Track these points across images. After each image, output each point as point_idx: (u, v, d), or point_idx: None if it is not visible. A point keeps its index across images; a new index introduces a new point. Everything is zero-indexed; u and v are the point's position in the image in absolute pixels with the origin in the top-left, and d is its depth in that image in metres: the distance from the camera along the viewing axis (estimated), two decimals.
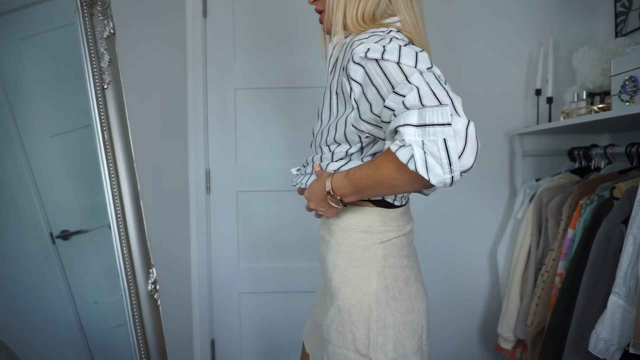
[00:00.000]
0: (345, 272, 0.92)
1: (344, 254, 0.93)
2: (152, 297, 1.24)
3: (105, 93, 1.20)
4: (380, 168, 0.79)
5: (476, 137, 0.72)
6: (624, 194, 1.29)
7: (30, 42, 1.26)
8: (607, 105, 1.55)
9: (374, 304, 0.89)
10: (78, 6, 1.16)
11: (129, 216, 1.22)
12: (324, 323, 0.94)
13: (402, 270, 0.94)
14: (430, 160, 0.71)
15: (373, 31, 0.88)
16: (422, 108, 0.72)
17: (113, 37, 1.21)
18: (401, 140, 0.74)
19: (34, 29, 1.26)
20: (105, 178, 1.19)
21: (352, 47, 0.83)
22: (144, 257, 1.24)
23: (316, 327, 1.05)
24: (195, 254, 2.12)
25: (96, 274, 1.38)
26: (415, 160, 0.72)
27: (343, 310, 0.90)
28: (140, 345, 1.22)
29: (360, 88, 0.82)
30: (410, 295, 0.93)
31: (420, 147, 0.72)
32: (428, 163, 0.71)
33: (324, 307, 0.99)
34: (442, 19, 2.06)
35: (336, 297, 0.91)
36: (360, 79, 0.81)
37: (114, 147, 1.21)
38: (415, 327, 0.92)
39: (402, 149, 0.73)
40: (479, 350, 2.11)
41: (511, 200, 2.05)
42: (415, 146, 0.72)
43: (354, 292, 0.90)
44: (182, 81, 2.07)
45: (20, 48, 1.26)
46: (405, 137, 0.73)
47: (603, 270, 1.27)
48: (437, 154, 0.71)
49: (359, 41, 0.83)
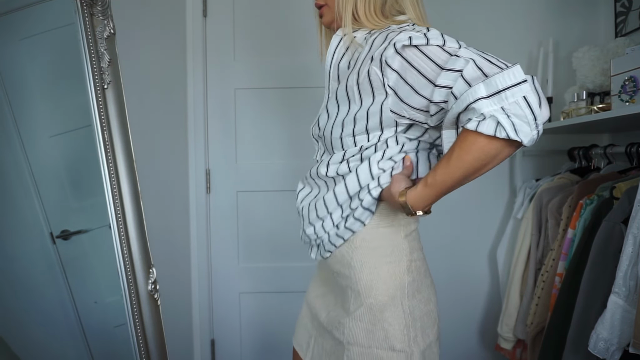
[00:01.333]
0: (376, 269, 0.91)
1: (372, 250, 0.92)
2: (152, 297, 1.24)
3: (105, 93, 1.20)
4: (464, 156, 0.76)
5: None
6: (624, 194, 1.29)
7: (30, 42, 1.26)
8: (607, 105, 1.55)
9: (405, 298, 0.90)
10: (78, 6, 1.16)
11: (129, 216, 1.22)
12: (345, 325, 0.92)
13: (422, 262, 0.96)
14: (517, 122, 0.71)
15: (400, 26, 0.89)
16: (487, 78, 0.72)
17: (113, 37, 1.21)
18: (478, 115, 0.72)
19: (34, 29, 1.26)
20: (105, 178, 1.19)
21: (388, 38, 0.83)
22: (144, 257, 1.23)
23: (321, 332, 1.03)
24: (195, 254, 2.12)
25: (96, 274, 1.38)
26: (503, 127, 0.71)
27: (375, 308, 0.89)
28: (140, 345, 1.22)
29: (396, 75, 0.82)
30: (428, 286, 0.96)
31: (502, 113, 0.71)
32: (516, 125, 0.71)
33: (340, 309, 0.97)
34: (441, 19, 2.05)
35: (367, 296, 0.90)
36: (397, 67, 0.81)
37: (114, 147, 1.20)
38: (434, 316, 0.95)
39: (483, 123, 0.72)
40: (478, 350, 2.11)
41: (511, 200, 2.05)
42: (497, 114, 0.71)
43: (386, 288, 0.89)
44: (182, 81, 2.07)
45: (20, 48, 1.26)
46: (483, 111, 0.71)
47: (603, 270, 1.27)
48: (522, 113, 0.70)
49: (396, 32, 0.84)
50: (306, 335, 1.10)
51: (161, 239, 1.78)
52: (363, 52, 0.90)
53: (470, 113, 0.74)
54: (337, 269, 0.97)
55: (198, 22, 2.07)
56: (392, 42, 0.82)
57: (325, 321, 1.01)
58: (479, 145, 0.74)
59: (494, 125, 0.71)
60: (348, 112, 0.90)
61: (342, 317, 0.95)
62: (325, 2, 1.00)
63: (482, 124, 0.72)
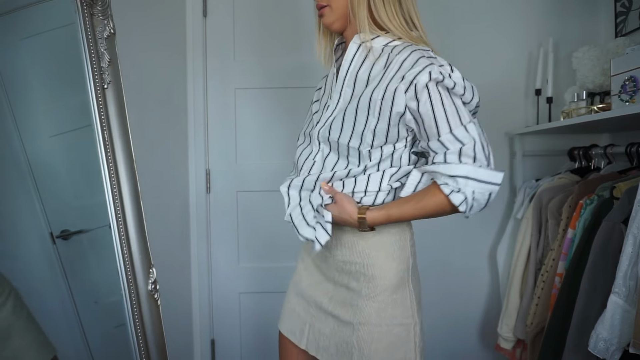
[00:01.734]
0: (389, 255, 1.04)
1: (384, 238, 1.04)
2: (152, 297, 1.24)
3: (105, 93, 1.20)
4: (427, 207, 0.95)
5: None
6: (624, 193, 1.29)
7: (30, 42, 1.26)
8: (607, 105, 1.55)
9: (410, 279, 1.05)
10: (78, 6, 1.16)
11: (129, 216, 1.22)
12: (358, 306, 1.02)
13: (415, 256, 1.11)
14: (475, 205, 0.92)
15: (420, 47, 0.98)
16: (480, 167, 0.91)
17: (113, 37, 1.21)
18: (456, 186, 0.91)
19: (34, 29, 1.26)
20: (105, 178, 1.19)
21: (420, 63, 0.92)
22: (144, 257, 1.23)
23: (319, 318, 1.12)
24: (195, 254, 2.12)
25: (96, 274, 1.38)
26: (467, 204, 0.91)
27: (389, 289, 1.02)
28: (140, 345, 1.22)
29: (416, 103, 0.93)
30: (417, 276, 1.12)
31: (472, 195, 0.91)
32: (473, 208, 0.92)
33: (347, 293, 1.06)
34: (442, 19, 2.06)
35: (382, 278, 1.02)
36: (423, 98, 0.92)
37: (114, 147, 1.20)
38: (420, 300, 1.10)
39: (457, 195, 0.91)
40: (478, 350, 2.11)
41: (511, 200, 2.05)
42: (469, 195, 0.91)
43: (397, 272, 1.03)
44: (182, 81, 2.07)
45: (20, 48, 1.26)
46: (461, 187, 0.91)
47: (603, 270, 1.27)
48: (482, 203, 0.92)
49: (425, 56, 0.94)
50: (299, 323, 1.17)
51: (161, 239, 1.78)
52: (391, 69, 0.96)
53: (453, 180, 0.92)
54: (346, 257, 1.06)
55: (198, 22, 2.07)
56: (426, 69, 0.91)
57: (329, 306, 1.09)
58: (442, 205, 0.94)
59: (462, 199, 0.91)
60: (366, 124, 0.97)
61: (353, 300, 1.04)
62: (327, 3, 1.02)
63: (455, 195, 0.91)
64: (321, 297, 1.12)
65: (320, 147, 1.07)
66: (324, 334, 1.10)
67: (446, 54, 2.04)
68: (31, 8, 1.21)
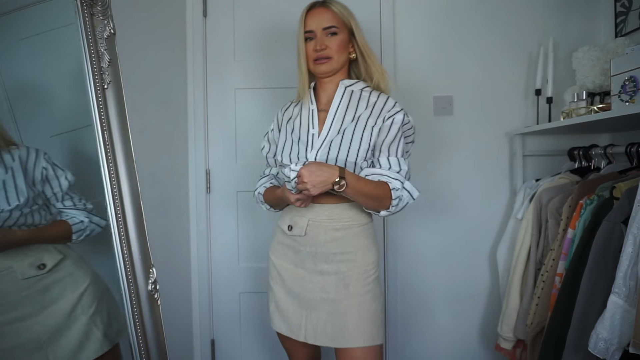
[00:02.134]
0: (370, 244, 1.36)
1: (365, 232, 1.36)
2: (152, 297, 1.24)
3: (105, 93, 1.20)
4: (379, 190, 1.26)
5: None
6: (624, 194, 1.29)
7: (30, 42, 1.26)
8: (607, 105, 1.55)
9: (379, 258, 1.39)
10: (78, 6, 1.16)
11: (129, 216, 1.22)
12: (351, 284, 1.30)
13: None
14: (399, 205, 1.29)
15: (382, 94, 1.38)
16: (407, 182, 1.30)
17: (113, 37, 1.21)
18: (400, 189, 1.27)
19: (34, 29, 1.26)
20: (105, 178, 1.19)
21: (395, 107, 1.33)
22: (144, 257, 1.23)
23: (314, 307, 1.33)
24: (195, 254, 2.12)
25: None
26: (400, 200, 1.28)
27: (371, 267, 1.33)
28: (141, 345, 1.22)
29: (389, 131, 1.31)
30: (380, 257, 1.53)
31: (403, 200, 1.28)
32: (398, 207, 1.28)
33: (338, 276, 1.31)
34: (442, 19, 2.06)
35: (365, 262, 1.33)
36: (395, 129, 1.31)
37: (114, 147, 1.20)
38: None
39: (396, 192, 1.27)
40: (478, 350, 2.11)
41: (511, 200, 2.05)
42: (404, 197, 1.28)
43: (375, 253, 1.37)
44: (182, 81, 2.07)
45: (20, 48, 1.26)
46: (399, 191, 1.27)
47: (603, 270, 1.27)
48: (403, 206, 1.30)
49: (393, 101, 1.35)
50: (295, 319, 1.34)
51: (161, 239, 1.78)
52: (376, 108, 1.33)
53: (397, 184, 1.27)
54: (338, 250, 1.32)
55: (198, 22, 2.07)
56: (399, 112, 1.32)
57: (322, 294, 1.31)
58: (385, 194, 1.26)
59: (397, 196, 1.27)
60: (358, 151, 1.29)
61: (345, 280, 1.30)
62: (331, 56, 1.31)
63: (395, 192, 1.27)
64: (311, 290, 1.32)
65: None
66: (321, 319, 1.30)
67: (446, 54, 2.06)
68: (31, 8, 1.21)
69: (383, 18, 2.07)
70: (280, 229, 1.42)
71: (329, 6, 1.32)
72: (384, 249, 2.09)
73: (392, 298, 2.10)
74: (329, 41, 1.30)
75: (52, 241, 1.18)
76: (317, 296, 1.31)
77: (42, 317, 1.11)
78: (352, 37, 1.34)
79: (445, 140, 2.08)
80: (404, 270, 2.10)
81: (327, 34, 1.31)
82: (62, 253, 1.19)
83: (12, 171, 1.09)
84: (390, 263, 2.09)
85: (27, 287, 1.09)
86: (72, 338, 1.16)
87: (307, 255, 1.33)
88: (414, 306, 2.11)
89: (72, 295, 1.19)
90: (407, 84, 2.07)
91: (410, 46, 2.07)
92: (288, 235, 1.37)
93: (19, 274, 1.08)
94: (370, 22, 2.07)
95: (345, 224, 1.32)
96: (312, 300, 1.32)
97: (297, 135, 1.37)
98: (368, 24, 2.07)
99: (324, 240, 1.31)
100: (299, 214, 1.34)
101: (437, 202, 2.09)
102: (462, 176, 2.08)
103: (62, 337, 1.13)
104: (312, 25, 1.31)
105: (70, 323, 1.16)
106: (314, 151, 1.31)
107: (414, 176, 1.63)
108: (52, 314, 1.12)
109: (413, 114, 2.10)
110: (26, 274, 1.09)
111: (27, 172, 1.11)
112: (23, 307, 1.08)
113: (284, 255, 1.39)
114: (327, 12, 1.31)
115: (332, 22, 1.30)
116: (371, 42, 2.14)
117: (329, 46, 1.30)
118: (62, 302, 1.13)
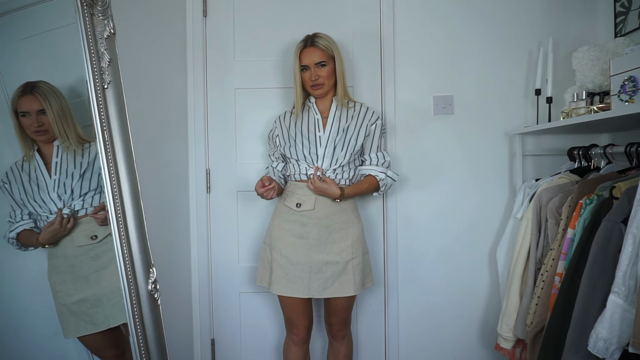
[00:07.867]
0: (359, 217, 1.82)
1: (354, 209, 1.81)
2: (152, 296, 1.25)
3: (105, 93, 1.20)
4: (370, 186, 1.78)
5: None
6: (624, 193, 1.30)
7: (30, 42, 1.26)
8: (606, 105, 1.55)
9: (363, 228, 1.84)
10: (78, 6, 1.16)
11: (129, 216, 1.22)
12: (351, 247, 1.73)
13: None
14: (386, 189, 1.82)
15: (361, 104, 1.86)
16: (389, 171, 1.80)
17: (113, 37, 1.21)
18: (384, 178, 1.79)
19: (34, 29, 1.26)
20: (105, 178, 1.19)
21: (374, 116, 1.81)
22: (144, 257, 1.24)
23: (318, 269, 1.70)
24: (196, 253, 2.12)
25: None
26: (385, 185, 1.81)
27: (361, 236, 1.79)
28: (141, 345, 1.23)
29: (374, 132, 1.81)
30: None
31: (388, 184, 1.81)
32: (385, 189, 1.82)
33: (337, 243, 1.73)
34: (442, 19, 2.06)
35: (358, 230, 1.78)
36: (377, 130, 1.81)
37: (114, 147, 1.21)
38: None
39: (382, 181, 1.78)
40: (478, 350, 2.11)
41: (511, 200, 2.05)
42: (388, 182, 1.80)
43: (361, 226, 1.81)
44: (182, 81, 2.07)
45: (20, 48, 1.26)
46: (384, 180, 1.79)
47: (602, 269, 1.27)
48: (389, 187, 1.83)
49: (372, 110, 1.83)
50: (301, 282, 1.69)
51: (161, 239, 1.78)
52: (365, 118, 1.79)
53: (382, 174, 1.78)
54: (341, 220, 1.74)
55: (198, 22, 2.08)
56: (378, 119, 1.81)
57: (327, 257, 1.70)
58: (374, 187, 1.79)
59: (384, 185, 1.80)
60: (355, 148, 1.76)
61: (346, 243, 1.72)
62: (323, 82, 1.73)
63: (381, 181, 1.78)
64: (317, 253, 1.70)
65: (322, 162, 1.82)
66: (326, 274, 1.69)
67: (446, 54, 2.06)
68: (31, 8, 1.21)
69: (383, 18, 2.07)
70: (286, 208, 1.75)
71: (317, 45, 1.71)
72: (384, 249, 2.09)
73: (393, 298, 2.10)
74: (320, 71, 1.72)
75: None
76: (322, 259, 1.70)
77: (96, 279, 1.30)
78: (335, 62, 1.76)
79: (445, 140, 2.08)
80: (404, 270, 2.11)
81: (319, 66, 1.72)
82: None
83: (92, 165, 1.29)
84: (391, 263, 2.10)
85: (83, 253, 1.29)
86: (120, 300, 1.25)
87: (314, 226, 1.71)
88: (414, 306, 2.12)
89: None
90: (407, 83, 2.07)
91: (410, 46, 2.07)
92: (296, 212, 1.72)
93: (76, 242, 1.27)
94: (370, 22, 2.07)
95: (354, 207, 1.81)
96: (318, 264, 1.69)
97: (306, 136, 1.76)
98: (368, 24, 2.07)
99: (330, 213, 1.72)
100: (305, 193, 1.72)
101: (436, 201, 2.09)
102: (462, 176, 2.08)
103: (113, 297, 1.27)
104: (306, 61, 1.72)
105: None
106: (322, 148, 1.75)
107: (413, 171, 2.09)
108: (103, 277, 1.29)
109: (413, 113, 2.10)
110: (81, 242, 1.28)
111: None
112: (81, 269, 1.30)
113: (289, 230, 1.73)
114: (317, 51, 1.70)
115: (321, 58, 1.71)
116: (371, 42, 2.15)
117: (321, 75, 1.72)
118: (111, 268, 1.24)
